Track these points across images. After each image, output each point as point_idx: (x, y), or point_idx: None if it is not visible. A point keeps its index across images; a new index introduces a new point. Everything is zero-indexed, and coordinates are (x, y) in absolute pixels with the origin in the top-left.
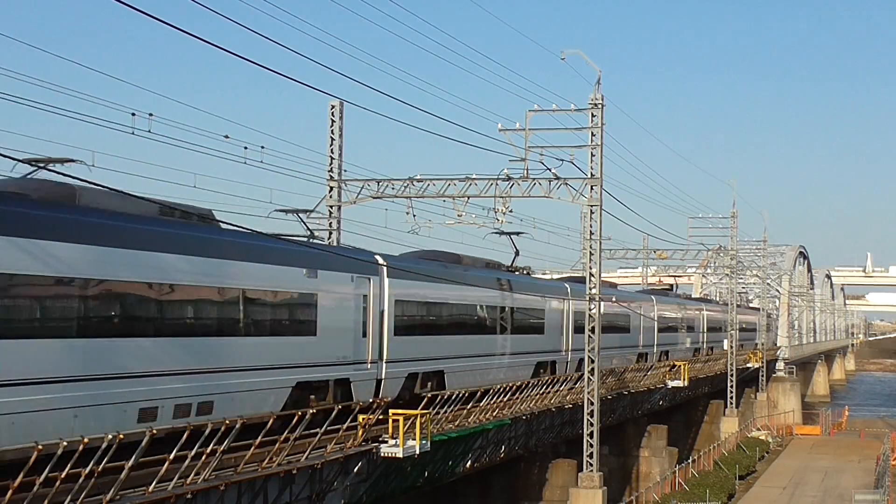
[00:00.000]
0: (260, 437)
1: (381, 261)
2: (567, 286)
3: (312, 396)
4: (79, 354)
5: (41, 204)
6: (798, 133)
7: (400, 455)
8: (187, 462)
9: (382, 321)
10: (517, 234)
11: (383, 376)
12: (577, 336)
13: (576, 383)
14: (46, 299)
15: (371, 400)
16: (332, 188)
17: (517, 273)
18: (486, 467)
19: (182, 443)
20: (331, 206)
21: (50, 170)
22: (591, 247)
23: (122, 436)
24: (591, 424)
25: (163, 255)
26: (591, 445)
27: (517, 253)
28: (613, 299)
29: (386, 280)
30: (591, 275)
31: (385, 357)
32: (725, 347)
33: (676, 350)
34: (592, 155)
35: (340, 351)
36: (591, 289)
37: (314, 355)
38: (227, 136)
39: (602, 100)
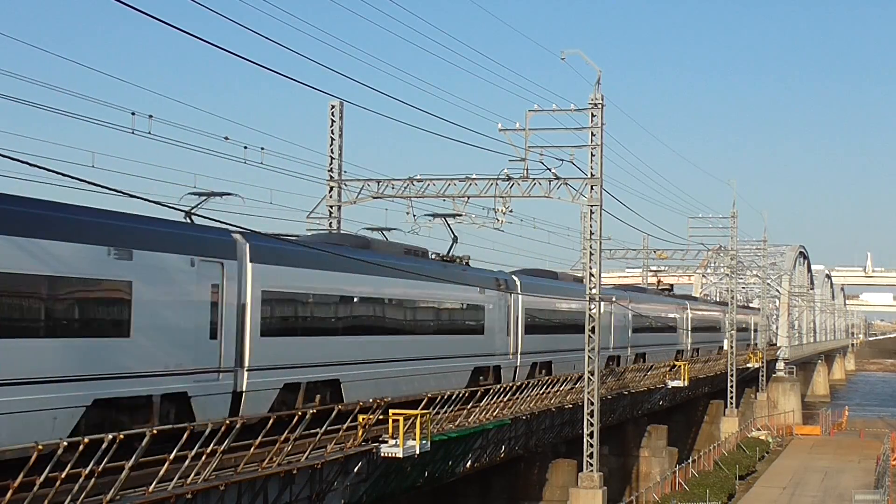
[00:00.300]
0: (260, 437)
1: (240, 239)
2: (517, 279)
3: (123, 418)
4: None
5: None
6: (798, 133)
7: (400, 455)
8: (187, 462)
9: (243, 319)
10: (453, 216)
11: (244, 388)
12: (532, 337)
13: (576, 383)
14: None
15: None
16: (332, 188)
17: (451, 263)
18: (486, 467)
19: (182, 443)
20: (331, 206)
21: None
22: (591, 247)
23: (122, 436)
24: (591, 424)
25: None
26: (591, 445)
27: (455, 240)
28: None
29: (248, 265)
30: (591, 275)
31: (246, 364)
32: (726, 348)
33: (655, 352)
34: (592, 155)
35: (169, 357)
36: (591, 289)
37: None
38: (227, 137)
39: (602, 100)
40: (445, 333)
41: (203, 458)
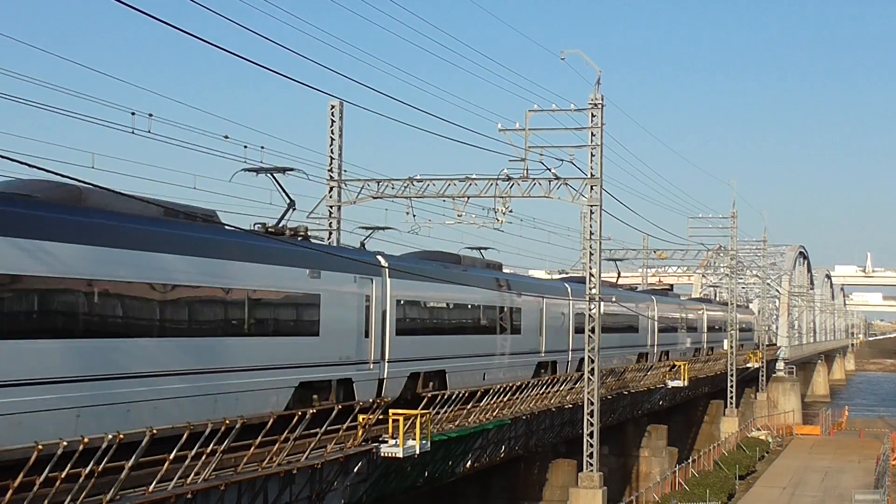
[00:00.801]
0: (260, 437)
1: (383, 261)
2: (384, 260)
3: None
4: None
5: None
6: (798, 133)
7: (400, 455)
8: (187, 462)
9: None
10: (283, 170)
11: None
12: (409, 340)
13: (576, 383)
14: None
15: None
16: (332, 188)
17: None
18: (486, 467)
19: (182, 443)
20: (331, 206)
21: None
22: (591, 247)
23: (122, 436)
24: (591, 424)
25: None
26: (591, 445)
27: (291, 205)
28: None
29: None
30: (591, 275)
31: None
32: (725, 348)
33: (607, 356)
34: (592, 155)
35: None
36: (591, 289)
37: None
38: (227, 137)
39: (602, 100)
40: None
41: (203, 458)
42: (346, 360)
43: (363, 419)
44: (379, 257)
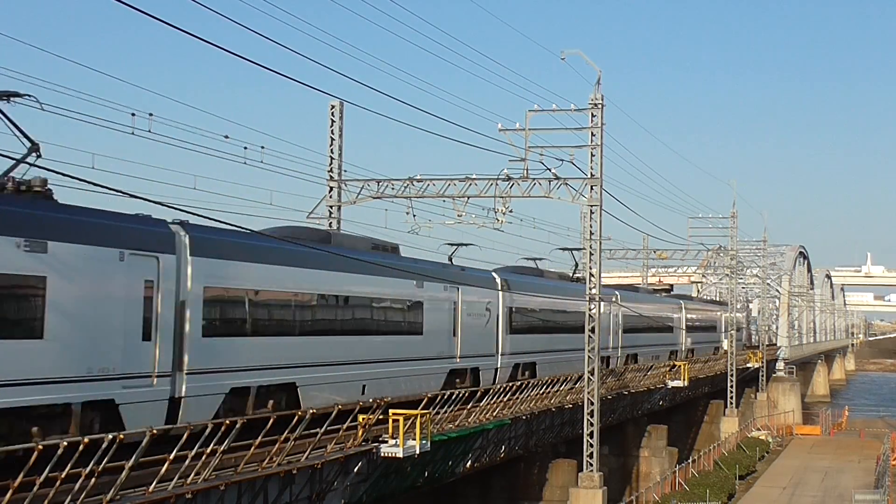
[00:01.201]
0: (260, 437)
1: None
2: (185, 233)
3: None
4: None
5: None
6: (798, 133)
7: (400, 455)
8: (187, 462)
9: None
10: (10, 96)
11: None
12: (219, 342)
13: (576, 383)
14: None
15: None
16: (332, 188)
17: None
18: (486, 467)
19: (182, 443)
20: (331, 206)
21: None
22: (591, 247)
23: (122, 436)
24: (591, 424)
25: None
26: (591, 445)
27: (34, 150)
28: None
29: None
30: (591, 275)
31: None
32: (722, 348)
33: (554, 361)
34: (592, 155)
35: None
36: (591, 289)
37: None
38: (227, 137)
39: (602, 100)
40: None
41: (203, 458)
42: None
43: (363, 419)
44: (174, 226)
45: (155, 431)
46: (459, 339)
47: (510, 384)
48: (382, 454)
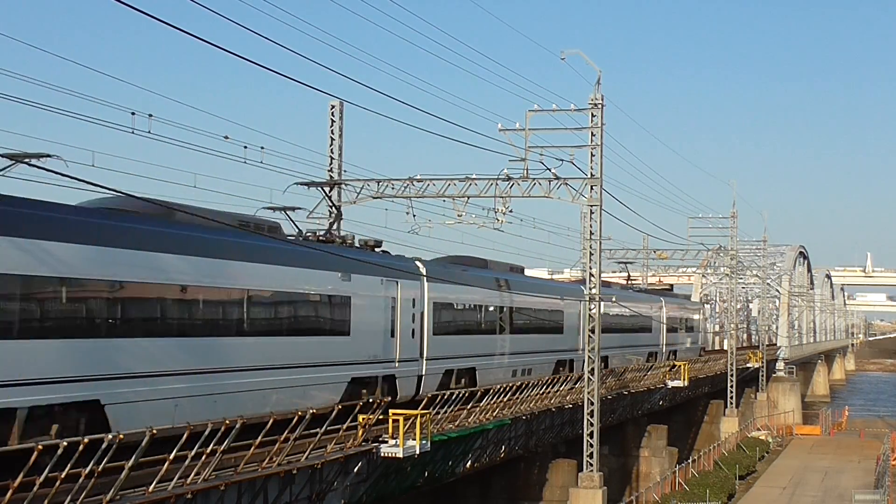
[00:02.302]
0: (260, 437)
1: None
2: None
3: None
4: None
5: None
6: (798, 133)
7: (400, 455)
8: (187, 462)
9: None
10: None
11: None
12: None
13: (576, 383)
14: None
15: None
16: (332, 188)
17: None
18: (486, 467)
19: (182, 443)
20: (331, 207)
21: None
22: (591, 247)
23: (122, 436)
24: (591, 424)
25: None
26: (591, 445)
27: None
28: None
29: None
30: (591, 275)
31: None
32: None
33: (490, 367)
34: (592, 155)
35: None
36: (591, 289)
37: None
38: (226, 137)
39: (602, 100)
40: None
41: (203, 458)
42: None
43: (363, 419)
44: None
45: (155, 431)
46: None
47: (510, 384)
48: (382, 454)
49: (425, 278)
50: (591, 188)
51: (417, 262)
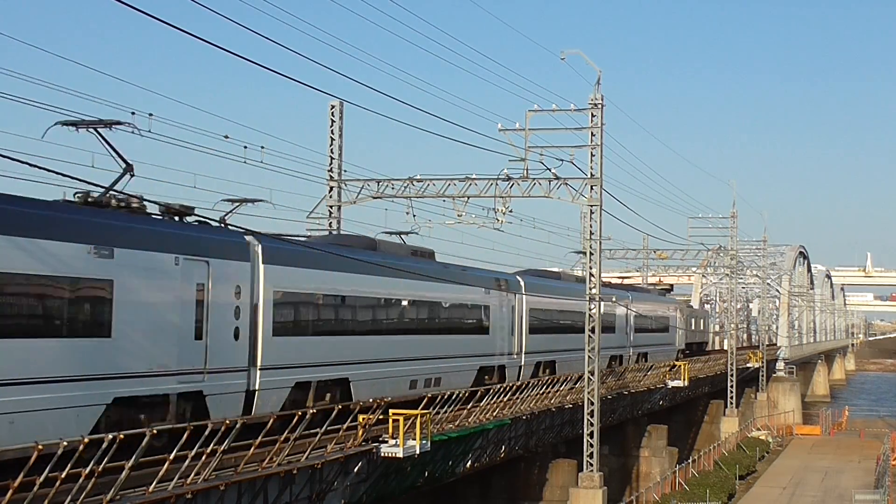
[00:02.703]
0: (260, 437)
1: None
2: None
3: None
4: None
5: None
6: (798, 133)
7: (400, 455)
8: (187, 462)
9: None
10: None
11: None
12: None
13: (576, 383)
14: None
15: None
16: (332, 188)
17: None
18: (486, 467)
19: (182, 443)
20: (331, 206)
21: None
22: (591, 247)
23: (122, 436)
24: (591, 424)
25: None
26: (591, 445)
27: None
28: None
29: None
30: (591, 275)
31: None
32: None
33: (390, 378)
34: (592, 155)
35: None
36: (591, 289)
37: None
38: (227, 137)
39: (602, 100)
40: None
41: (203, 458)
42: None
43: (363, 419)
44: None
45: (155, 431)
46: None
47: (510, 384)
48: (382, 454)
49: (260, 256)
50: (591, 188)
51: (248, 239)
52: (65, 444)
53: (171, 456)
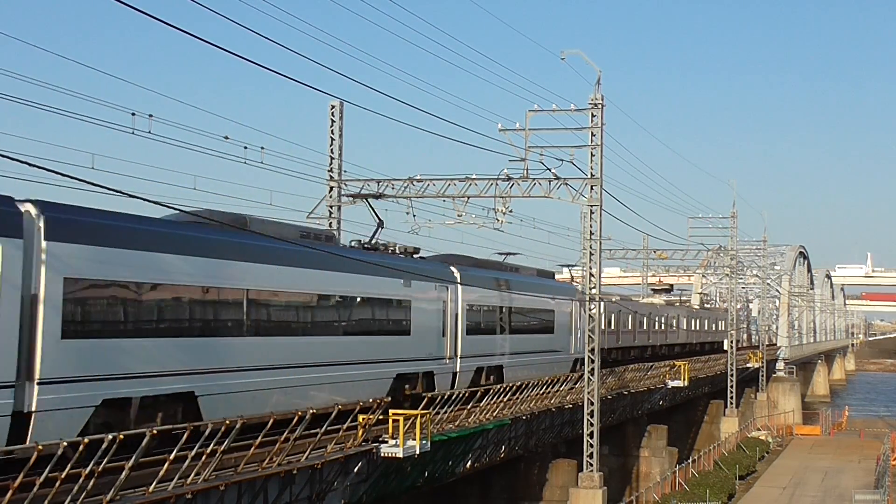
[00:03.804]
0: (260, 437)
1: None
2: None
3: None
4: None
5: None
6: (798, 133)
7: (400, 455)
8: (187, 462)
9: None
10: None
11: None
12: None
13: (576, 383)
14: None
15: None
16: (332, 188)
17: None
18: (486, 467)
19: (182, 443)
20: (331, 206)
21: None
22: (591, 247)
23: (122, 436)
24: (591, 424)
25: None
26: (591, 445)
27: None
28: None
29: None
30: (591, 275)
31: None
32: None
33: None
34: (592, 155)
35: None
36: (591, 288)
37: None
38: (226, 137)
39: (602, 100)
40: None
41: (203, 458)
42: None
43: (363, 419)
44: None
45: (155, 431)
46: None
47: (511, 384)
48: (382, 454)
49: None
50: (591, 188)
51: (22, 207)
52: (65, 444)
53: (172, 456)
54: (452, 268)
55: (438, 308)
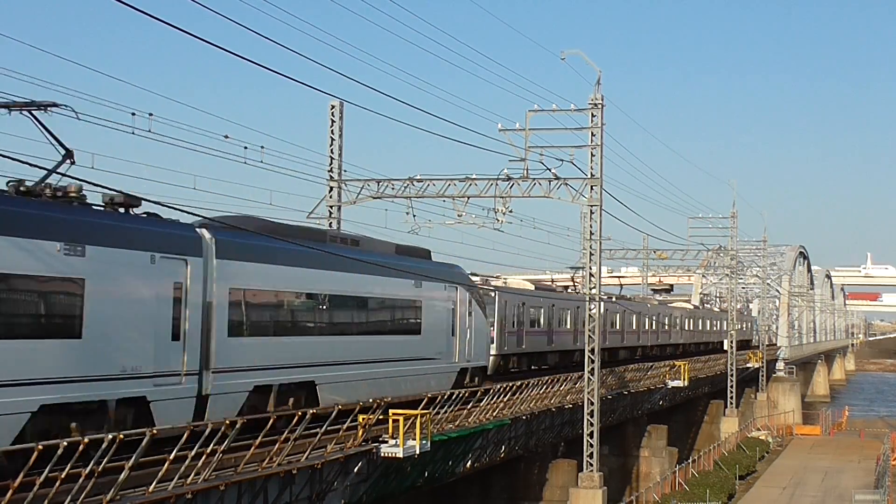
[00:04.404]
0: (260, 437)
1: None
2: None
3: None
4: None
5: None
6: (798, 133)
7: (400, 455)
8: (187, 462)
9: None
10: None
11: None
12: None
13: (576, 383)
14: None
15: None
16: (332, 188)
17: None
18: (486, 467)
19: (182, 443)
20: (331, 206)
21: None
22: (591, 247)
23: (121, 436)
24: (591, 424)
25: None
26: (591, 445)
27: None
28: None
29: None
30: (591, 275)
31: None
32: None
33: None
34: (592, 155)
35: None
36: (591, 288)
37: None
38: (226, 136)
39: (602, 100)
40: None
41: (203, 458)
42: None
43: (363, 419)
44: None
45: (155, 431)
46: None
47: (510, 384)
48: (382, 454)
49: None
50: (591, 188)
51: None
52: (65, 444)
53: (172, 456)
54: (203, 230)
55: (164, 296)
